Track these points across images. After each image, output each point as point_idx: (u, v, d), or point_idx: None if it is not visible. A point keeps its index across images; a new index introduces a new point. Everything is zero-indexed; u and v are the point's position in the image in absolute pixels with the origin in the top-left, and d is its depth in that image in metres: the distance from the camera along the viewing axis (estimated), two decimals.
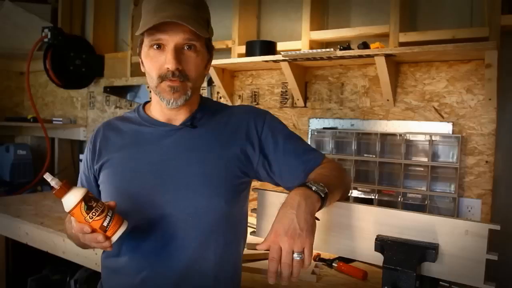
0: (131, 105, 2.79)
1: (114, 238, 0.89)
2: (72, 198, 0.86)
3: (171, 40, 0.96)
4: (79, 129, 3.06)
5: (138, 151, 1.04)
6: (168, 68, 0.96)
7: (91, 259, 1.56)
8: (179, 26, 0.95)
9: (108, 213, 0.88)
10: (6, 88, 3.40)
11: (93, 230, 0.87)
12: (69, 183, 0.88)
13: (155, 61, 0.98)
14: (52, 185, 0.87)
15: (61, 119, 3.09)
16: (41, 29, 2.72)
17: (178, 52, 0.97)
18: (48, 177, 0.87)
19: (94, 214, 0.86)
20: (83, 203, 0.86)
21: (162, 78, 0.98)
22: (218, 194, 1.01)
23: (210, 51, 1.07)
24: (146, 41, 0.99)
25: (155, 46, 0.98)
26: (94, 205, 0.86)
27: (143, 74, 1.06)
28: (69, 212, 0.87)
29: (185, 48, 0.98)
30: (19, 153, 3.01)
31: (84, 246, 1.09)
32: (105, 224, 0.87)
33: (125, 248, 1.02)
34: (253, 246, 1.16)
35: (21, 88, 3.44)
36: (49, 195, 2.64)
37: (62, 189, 0.86)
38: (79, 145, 3.21)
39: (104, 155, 1.07)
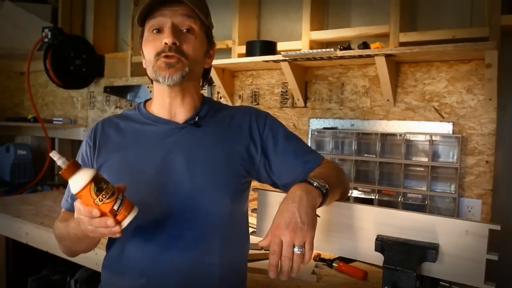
0: (131, 105, 2.79)
1: (125, 223, 0.83)
2: (81, 179, 0.80)
3: (169, 20, 0.97)
4: (79, 129, 3.06)
5: (140, 150, 1.03)
6: (165, 42, 0.96)
7: (91, 259, 1.56)
8: (177, 7, 0.97)
9: (119, 196, 0.82)
10: (6, 88, 3.40)
11: (102, 214, 0.81)
12: (77, 162, 0.82)
13: (153, 43, 0.99)
14: (58, 164, 0.80)
15: (61, 119, 3.09)
16: (41, 29, 2.71)
17: (176, 31, 0.98)
18: (54, 155, 0.81)
19: (104, 196, 0.80)
20: (92, 184, 0.79)
21: (158, 54, 0.97)
22: (224, 193, 1.01)
23: (210, 43, 1.07)
24: (146, 27, 1.01)
25: (154, 31, 0.99)
26: (104, 187, 0.80)
27: (143, 74, 1.06)
28: (76, 194, 0.81)
29: (184, 30, 0.99)
30: (19, 153, 3.01)
31: (74, 248, 1.07)
32: (115, 207, 0.81)
33: (128, 249, 1.00)
34: (253, 246, 1.16)
35: (21, 88, 3.45)
36: (49, 195, 2.64)
37: (70, 168, 0.80)
38: (79, 145, 3.20)
39: (103, 154, 1.05)
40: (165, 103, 1.05)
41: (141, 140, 1.05)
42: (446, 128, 1.69)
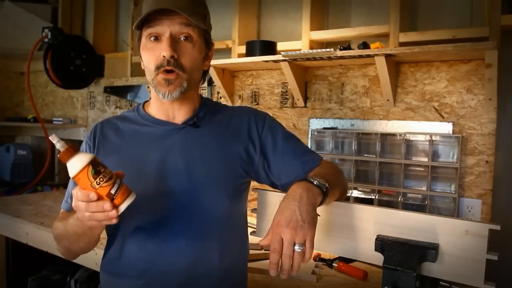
0: (131, 105, 2.79)
1: (122, 208, 0.82)
2: (78, 162, 0.80)
3: (167, 29, 0.96)
4: (79, 129, 3.06)
5: (139, 151, 1.03)
6: (163, 56, 0.96)
7: (91, 259, 1.55)
8: (175, 16, 0.96)
9: (116, 181, 0.82)
10: (6, 88, 3.40)
11: (99, 198, 0.80)
12: (76, 147, 0.82)
13: (152, 53, 0.98)
14: (57, 147, 0.81)
15: (61, 119, 3.09)
16: (41, 29, 2.72)
17: (174, 41, 0.97)
18: (53, 138, 0.81)
19: (101, 179, 0.80)
20: (90, 167, 0.80)
21: (158, 68, 0.97)
22: (223, 193, 1.01)
23: (208, 46, 1.07)
24: (144, 34, 1.00)
25: (152, 38, 0.98)
26: (102, 170, 0.81)
27: (143, 74, 1.05)
28: (74, 177, 0.81)
29: (182, 38, 0.98)
30: (19, 153, 3.01)
31: (73, 247, 1.05)
32: (112, 191, 0.81)
33: (127, 249, 1.00)
34: (253, 246, 1.16)
35: (21, 88, 3.45)
36: (49, 195, 2.64)
37: (68, 151, 0.80)
38: (79, 145, 3.20)
39: (102, 155, 1.04)
40: (164, 106, 1.06)
41: (140, 141, 1.05)
42: (446, 128, 1.69)
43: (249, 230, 1.16)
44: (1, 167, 3.03)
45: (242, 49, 2.17)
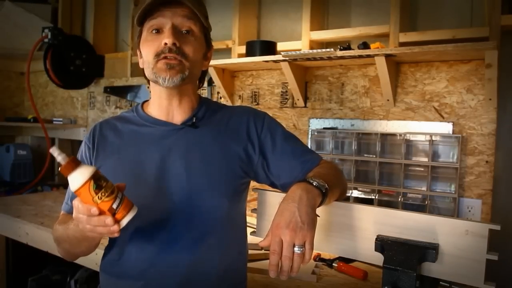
0: (131, 105, 2.79)
1: (123, 222, 0.81)
2: (80, 176, 0.79)
3: (169, 21, 0.97)
4: (79, 129, 3.06)
5: (138, 151, 1.03)
6: (165, 43, 0.96)
7: (91, 259, 1.55)
8: (177, 8, 0.97)
9: (118, 195, 0.81)
10: (6, 88, 3.40)
11: (101, 213, 0.80)
12: (77, 159, 0.81)
13: (152, 43, 0.98)
14: (58, 160, 0.80)
15: (61, 119, 3.09)
16: (41, 29, 2.72)
17: (177, 32, 0.97)
18: (54, 151, 0.80)
19: (103, 194, 0.79)
20: (92, 181, 0.78)
21: (158, 55, 0.97)
22: (222, 194, 1.01)
23: (208, 45, 1.07)
24: (145, 28, 1.00)
25: (153, 31, 0.98)
26: (103, 185, 0.79)
27: (143, 74, 1.05)
28: (75, 191, 0.80)
29: (184, 31, 0.99)
30: (19, 153, 3.01)
31: (74, 250, 1.04)
32: (114, 206, 0.80)
33: (127, 251, 1.00)
34: (253, 246, 1.16)
35: (21, 88, 3.45)
36: (49, 195, 2.64)
37: (70, 165, 0.79)
38: (79, 145, 3.20)
39: (102, 156, 1.05)
40: (163, 105, 1.05)
41: (139, 141, 1.05)
42: (446, 128, 1.69)
43: (249, 230, 1.16)
44: (1, 167, 3.03)
45: (242, 49, 2.17)
